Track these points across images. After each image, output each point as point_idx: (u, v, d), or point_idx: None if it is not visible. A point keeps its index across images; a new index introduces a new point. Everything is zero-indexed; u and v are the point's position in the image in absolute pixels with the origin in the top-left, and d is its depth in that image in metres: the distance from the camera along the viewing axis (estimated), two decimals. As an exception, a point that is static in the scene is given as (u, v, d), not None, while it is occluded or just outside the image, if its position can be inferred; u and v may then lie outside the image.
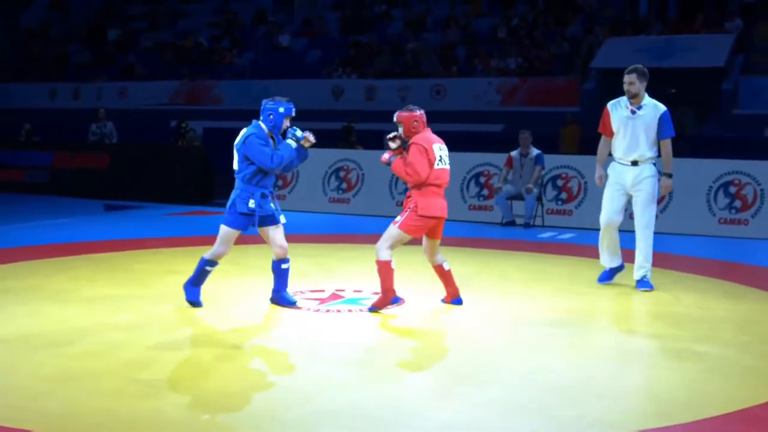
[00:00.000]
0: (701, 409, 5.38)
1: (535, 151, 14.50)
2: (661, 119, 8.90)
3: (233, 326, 7.55)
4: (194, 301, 8.01)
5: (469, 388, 5.78)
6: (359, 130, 18.31)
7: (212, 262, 7.95)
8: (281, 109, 7.80)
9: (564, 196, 14.92)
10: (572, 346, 6.99)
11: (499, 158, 15.05)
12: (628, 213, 9.33)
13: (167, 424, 5.06)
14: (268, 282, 8.37)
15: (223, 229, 7.88)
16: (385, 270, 7.95)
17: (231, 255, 9.59)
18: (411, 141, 7.98)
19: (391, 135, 8.03)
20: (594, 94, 21.99)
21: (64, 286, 8.91)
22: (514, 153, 14.63)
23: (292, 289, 8.44)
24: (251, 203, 7.76)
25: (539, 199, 14.58)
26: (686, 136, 17.33)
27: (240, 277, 9.51)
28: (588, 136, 19.26)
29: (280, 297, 8.19)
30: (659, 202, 9.31)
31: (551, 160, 14.99)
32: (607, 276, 9.47)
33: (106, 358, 6.38)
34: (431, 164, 7.88)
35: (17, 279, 9.29)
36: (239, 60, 27.81)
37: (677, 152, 9.14)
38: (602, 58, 22.35)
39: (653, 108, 8.94)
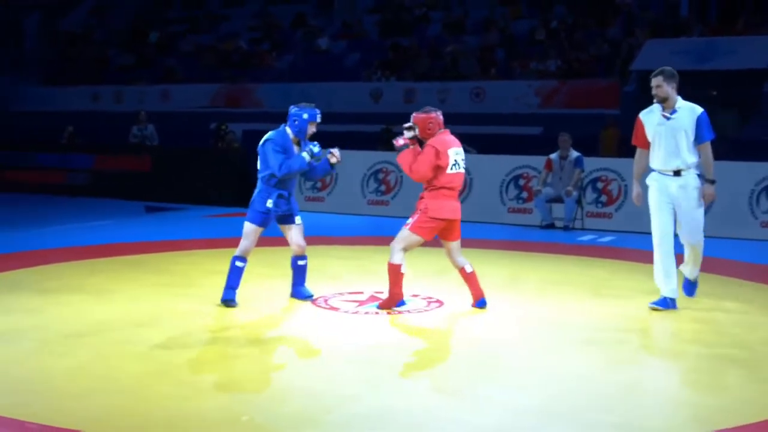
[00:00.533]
0: (741, 415, 5.34)
1: (574, 154, 14.44)
2: (699, 121, 8.22)
3: (272, 328, 7.60)
4: (229, 299, 8.17)
5: (506, 393, 5.76)
6: (398, 132, 18.32)
7: (241, 258, 8.27)
8: (305, 115, 8.17)
9: (604, 198, 14.83)
10: (611, 351, 6.95)
11: (539, 161, 15.00)
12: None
13: (207, 425, 5.09)
14: (306, 284, 8.49)
15: (246, 225, 8.33)
16: (393, 273, 8.05)
17: (270, 258, 9.65)
18: (427, 142, 8.02)
19: (406, 125, 8.18)
20: (634, 96, 21.77)
21: (105, 287, 9.01)
22: (553, 155, 14.58)
23: (331, 290, 8.58)
24: (269, 203, 8.18)
25: (579, 201, 14.51)
26: (728, 139, 17.16)
27: (278, 280, 9.55)
28: (628, 139, 19.09)
29: (297, 291, 8.58)
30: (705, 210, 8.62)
31: (591, 163, 14.91)
32: (688, 286, 8.84)
33: (146, 358, 6.44)
34: (441, 168, 7.93)
35: (59, 279, 9.40)
36: (279, 63, 27.91)
37: (718, 155, 8.65)
38: (642, 60, 22.15)
39: (689, 111, 8.28)
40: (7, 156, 21.17)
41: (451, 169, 7.97)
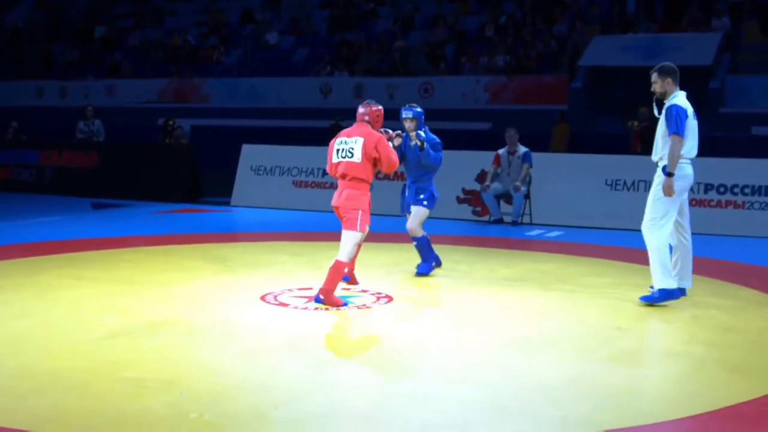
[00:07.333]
0: (688, 407, 5.39)
1: (522, 149, 14.51)
2: (665, 114, 8.32)
3: (220, 325, 7.53)
4: (424, 273, 9.56)
5: (455, 389, 5.77)
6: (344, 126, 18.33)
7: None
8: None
9: (552, 194, 14.91)
10: (559, 345, 6.99)
11: (487, 156, 15.05)
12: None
13: (154, 422, 5.04)
14: (255, 280, 8.44)
15: None
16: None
17: (222, 252, 9.58)
18: None
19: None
20: (581, 92, 22.02)
21: (51, 285, 8.87)
22: (501, 151, 14.64)
23: (280, 287, 8.52)
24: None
25: (527, 196, 14.60)
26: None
27: (228, 276, 9.51)
28: (576, 134, 19.28)
29: (418, 266, 9.64)
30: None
31: (539, 158, 15.00)
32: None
33: (94, 356, 6.36)
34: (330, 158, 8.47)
35: (4, 277, 9.24)
36: (227, 58, 27.77)
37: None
38: (590, 56, 22.38)
39: (667, 104, 8.35)
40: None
41: (334, 158, 8.37)
